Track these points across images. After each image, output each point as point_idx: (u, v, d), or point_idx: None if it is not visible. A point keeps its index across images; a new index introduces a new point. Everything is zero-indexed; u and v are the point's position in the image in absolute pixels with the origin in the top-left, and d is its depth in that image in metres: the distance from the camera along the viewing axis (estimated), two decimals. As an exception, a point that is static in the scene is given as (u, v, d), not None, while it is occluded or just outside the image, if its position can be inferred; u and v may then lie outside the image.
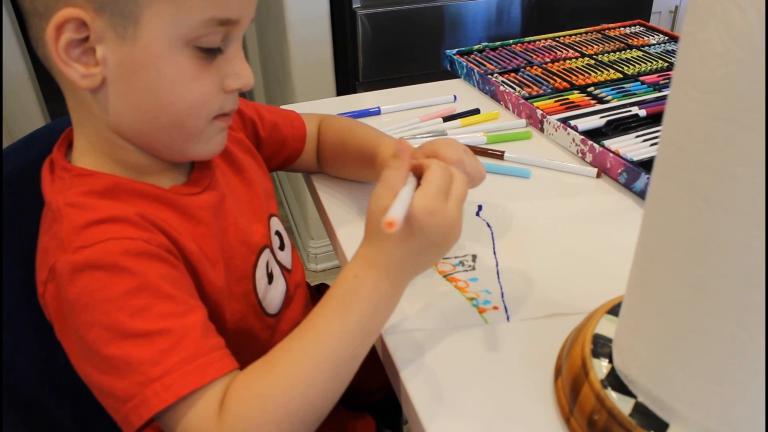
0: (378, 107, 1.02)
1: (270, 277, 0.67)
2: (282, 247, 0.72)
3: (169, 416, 0.47)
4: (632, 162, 0.77)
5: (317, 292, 0.90)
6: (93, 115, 0.54)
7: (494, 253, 0.68)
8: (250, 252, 0.65)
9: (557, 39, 1.23)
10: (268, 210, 0.71)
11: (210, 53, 0.53)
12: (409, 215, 0.49)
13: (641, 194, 0.75)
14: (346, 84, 1.69)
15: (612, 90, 1.00)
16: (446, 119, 0.97)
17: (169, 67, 0.51)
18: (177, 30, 0.50)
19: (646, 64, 1.09)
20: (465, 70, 1.12)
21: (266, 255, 0.67)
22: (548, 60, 1.13)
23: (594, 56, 1.13)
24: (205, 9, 0.50)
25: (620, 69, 1.07)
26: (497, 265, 0.66)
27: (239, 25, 0.54)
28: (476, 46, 1.20)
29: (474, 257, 0.67)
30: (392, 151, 0.60)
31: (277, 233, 0.72)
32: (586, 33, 1.25)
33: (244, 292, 0.63)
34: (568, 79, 1.05)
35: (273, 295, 0.67)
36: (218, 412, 0.46)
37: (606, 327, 0.50)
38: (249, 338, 0.64)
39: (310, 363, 0.48)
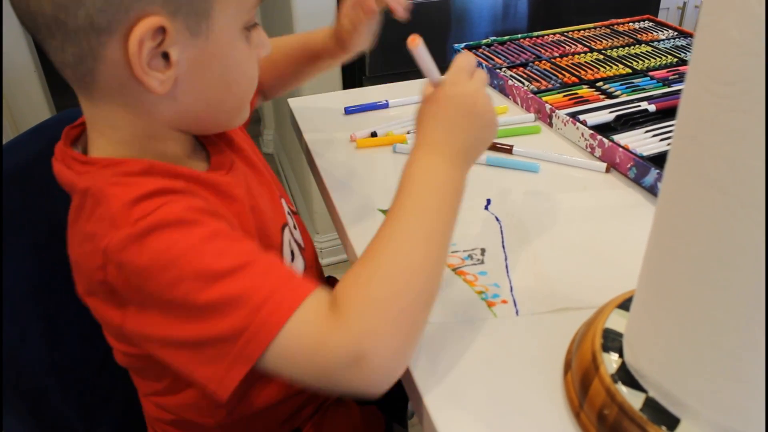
0: (386, 101, 1.02)
1: (292, 254, 0.68)
2: (295, 227, 0.73)
3: (284, 334, 0.46)
4: (642, 157, 0.77)
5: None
6: (138, 116, 0.53)
7: (503, 246, 0.67)
8: (277, 229, 0.66)
9: (566, 34, 1.22)
10: (279, 190, 0.72)
11: (249, 30, 0.56)
12: (437, 90, 0.58)
13: (650, 189, 0.75)
14: (352, 78, 1.69)
15: (621, 85, 0.99)
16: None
17: (236, 53, 0.54)
18: (241, 16, 0.53)
19: (655, 59, 1.08)
20: (473, 65, 1.12)
21: (287, 232, 0.68)
22: (557, 55, 1.12)
23: (603, 51, 1.13)
24: None
25: (629, 64, 1.07)
26: (506, 259, 0.65)
27: None
28: (484, 41, 1.19)
29: (483, 251, 0.67)
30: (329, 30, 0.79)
31: (289, 212, 0.73)
32: (595, 28, 1.24)
33: None
34: (577, 73, 1.04)
35: (296, 271, 0.68)
36: (331, 318, 0.46)
37: (616, 321, 0.50)
38: None
39: (406, 239, 0.51)
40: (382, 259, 0.50)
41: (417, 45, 0.55)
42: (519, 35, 1.21)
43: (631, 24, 1.26)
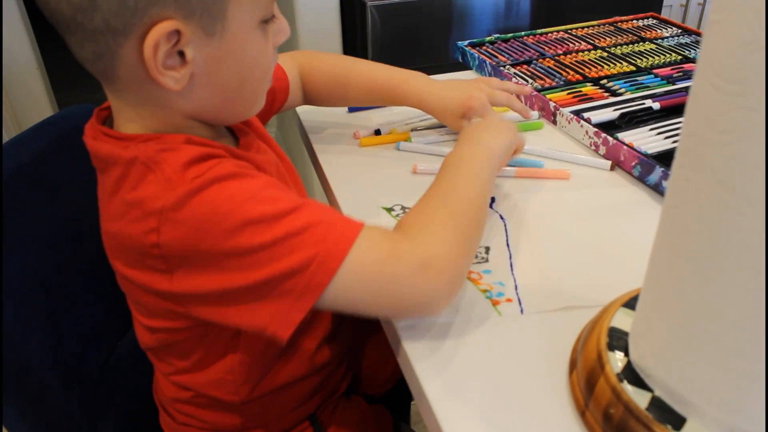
0: (389, 98, 1.01)
1: None
2: None
3: (352, 256, 0.50)
4: (646, 155, 0.76)
5: None
6: (160, 107, 0.55)
7: (507, 245, 0.67)
8: None
9: (569, 31, 1.21)
10: (297, 185, 0.73)
11: (267, 23, 0.56)
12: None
13: (655, 187, 0.75)
14: (355, 76, 1.69)
15: (625, 83, 0.99)
16: (458, 111, 0.96)
17: (252, 49, 0.55)
18: (256, 13, 0.54)
19: (659, 56, 1.08)
20: (477, 62, 1.12)
21: None
22: (561, 52, 1.12)
23: (607, 49, 1.12)
24: None
25: (633, 62, 1.06)
26: (510, 258, 0.65)
27: None
28: (488, 38, 1.19)
29: (487, 249, 0.66)
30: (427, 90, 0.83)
31: None
32: (599, 25, 1.24)
33: None
34: (581, 71, 1.04)
35: None
36: (397, 234, 0.54)
37: (622, 320, 0.49)
38: None
39: (455, 187, 0.61)
40: (438, 192, 0.60)
41: (416, 170, 0.67)
42: (522, 33, 1.21)
43: (635, 21, 1.25)
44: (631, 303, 0.51)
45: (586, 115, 0.88)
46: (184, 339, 0.61)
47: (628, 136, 0.82)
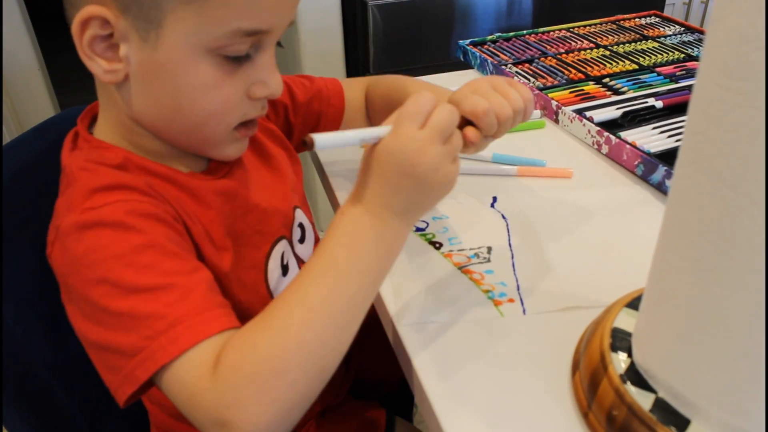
0: (390, 98, 1.01)
1: (285, 269, 0.66)
2: (302, 240, 0.71)
3: (170, 370, 0.45)
4: (649, 154, 0.76)
5: None
6: (115, 102, 0.54)
7: (510, 245, 0.67)
8: (264, 241, 0.64)
9: (571, 30, 1.21)
10: (294, 201, 0.70)
11: (236, 61, 0.51)
12: (379, 143, 0.48)
13: (658, 186, 0.74)
14: (356, 75, 1.69)
15: (628, 81, 0.98)
16: (459, 110, 0.96)
17: (190, 74, 0.51)
18: (200, 38, 0.49)
19: (662, 55, 1.07)
20: (478, 61, 1.11)
21: (282, 246, 0.66)
22: (562, 51, 1.11)
23: (609, 47, 1.12)
24: (230, 20, 0.49)
25: (636, 60, 1.06)
26: (513, 257, 0.65)
27: (271, 34, 0.53)
28: (489, 37, 1.18)
29: (489, 249, 0.66)
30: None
31: (300, 225, 0.71)
32: (601, 24, 1.23)
33: (254, 282, 0.62)
34: (583, 70, 1.03)
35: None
36: (210, 375, 0.44)
37: (625, 320, 0.49)
38: None
39: (304, 306, 0.46)
40: (276, 321, 0.46)
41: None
42: (524, 31, 1.20)
43: (637, 20, 1.25)
44: (634, 303, 0.51)
45: (588, 113, 0.87)
46: None
47: (630, 134, 0.82)
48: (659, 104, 0.89)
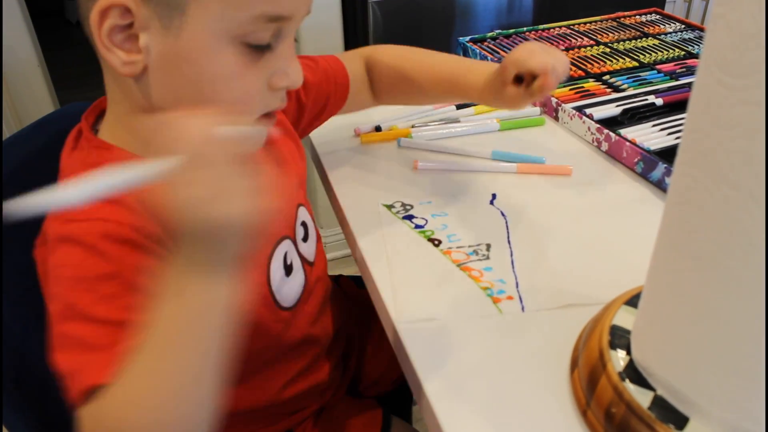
0: (390, 95, 1.00)
1: (288, 269, 0.66)
2: (306, 239, 0.70)
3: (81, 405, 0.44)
4: (649, 151, 0.76)
5: (336, 284, 0.89)
6: (129, 97, 0.53)
7: (509, 242, 0.67)
8: (266, 242, 0.64)
9: (572, 27, 1.21)
10: (297, 199, 0.70)
11: (258, 50, 0.51)
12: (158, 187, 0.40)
13: (658, 184, 0.74)
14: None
15: (628, 78, 0.98)
16: (459, 106, 0.95)
17: (213, 63, 0.50)
18: (224, 25, 0.48)
19: (662, 52, 1.07)
20: (478, 58, 1.11)
21: (285, 246, 0.66)
22: (563, 48, 1.11)
23: (609, 44, 1.12)
24: (255, 4, 0.48)
25: (636, 57, 1.06)
26: (512, 255, 0.65)
27: (292, 21, 0.52)
28: (490, 34, 1.18)
29: (488, 246, 0.66)
30: (485, 78, 0.69)
31: (303, 224, 0.70)
32: (602, 21, 1.23)
33: (256, 283, 0.62)
34: (583, 67, 1.03)
35: (290, 287, 0.66)
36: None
37: (624, 318, 0.49)
38: (258, 330, 0.63)
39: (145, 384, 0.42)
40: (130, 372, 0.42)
41: (417, 166, 0.37)
42: (525, 28, 1.20)
43: (637, 17, 1.24)
44: (633, 301, 0.50)
45: (588, 111, 0.87)
46: None
47: (630, 132, 0.82)
48: (659, 101, 0.89)
